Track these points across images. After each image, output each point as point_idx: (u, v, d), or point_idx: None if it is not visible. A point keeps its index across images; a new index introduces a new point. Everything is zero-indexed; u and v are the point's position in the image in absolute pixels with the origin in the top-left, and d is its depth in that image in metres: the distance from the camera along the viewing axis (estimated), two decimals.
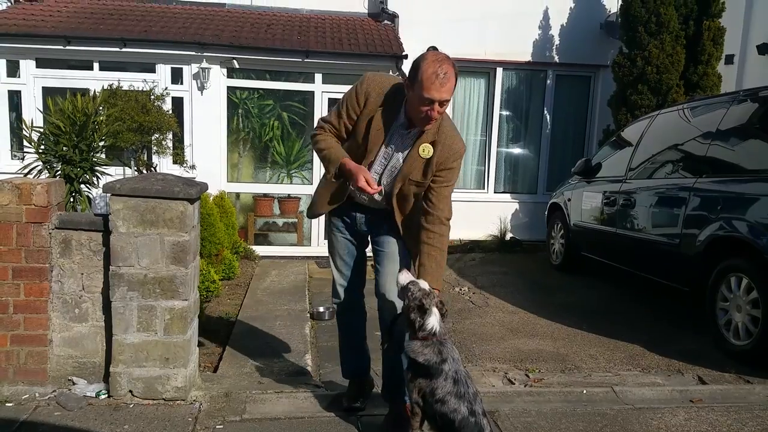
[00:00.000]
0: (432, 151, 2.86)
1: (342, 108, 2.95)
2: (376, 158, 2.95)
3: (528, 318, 5.56)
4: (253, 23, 9.16)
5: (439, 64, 2.65)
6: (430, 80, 2.63)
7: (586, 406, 3.49)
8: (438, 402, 2.55)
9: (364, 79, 2.93)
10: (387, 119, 2.87)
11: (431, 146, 2.86)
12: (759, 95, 4.80)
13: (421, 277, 2.84)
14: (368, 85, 2.89)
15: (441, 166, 2.90)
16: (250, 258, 8.05)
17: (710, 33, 8.17)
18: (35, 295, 3.35)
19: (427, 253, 2.92)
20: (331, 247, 3.29)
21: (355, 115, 2.92)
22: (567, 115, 10.09)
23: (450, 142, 2.90)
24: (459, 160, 2.97)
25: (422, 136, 2.87)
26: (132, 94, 7.09)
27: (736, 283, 4.49)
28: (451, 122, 3.02)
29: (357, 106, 2.90)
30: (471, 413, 2.51)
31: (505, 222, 9.61)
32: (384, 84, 2.90)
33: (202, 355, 4.19)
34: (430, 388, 2.59)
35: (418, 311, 2.64)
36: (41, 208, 3.29)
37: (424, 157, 2.87)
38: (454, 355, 2.66)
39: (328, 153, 2.93)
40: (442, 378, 2.59)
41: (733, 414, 3.42)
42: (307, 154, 9.01)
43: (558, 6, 9.66)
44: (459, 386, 2.56)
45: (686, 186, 5.09)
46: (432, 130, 2.85)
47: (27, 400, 3.31)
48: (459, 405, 2.51)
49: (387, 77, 2.98)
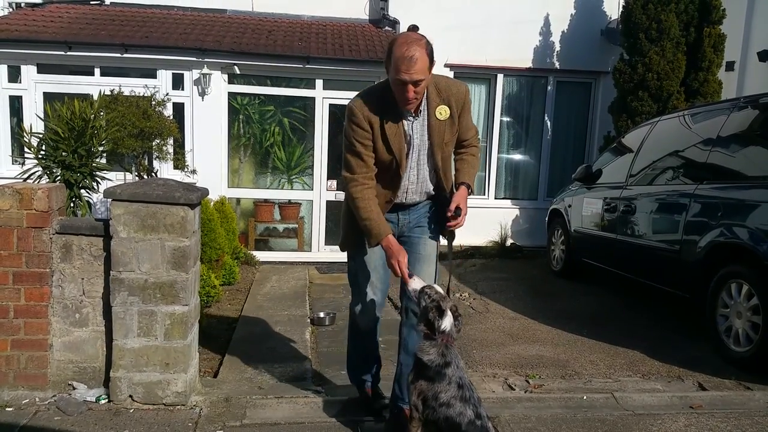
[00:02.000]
0: (447, 109, 2.94)
1: (356, 147, 2.90)
2: (409, 159, 2.99)
3: (528, 324, 5.55)
4: (254, 29, 9.19)
5: (407, 46, 2.69)
6: (399, 62, 2.69)
7: (587, 412, 3.49)
8: (443, 406, 2.54)
9: (352, 111, 2.90)
10: (394, 120, 2.90)
11: (444, 105, 2.94)
12: (759, 102, 4.80)
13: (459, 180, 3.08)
14: (359, 111, 2.88)
15: (459, 110, 3.00)
16: (251, 263, 8.05)
17: (711, 40, 8.19)
18: (36, 299, 3.35)
19: (462, 159, 3.16)
20: (361, 265, 3.16)
21: (370, 141, 2.90)
22: (567, 122, 10.11)
23: (454, 90, 2.99)
24: (469, 94, 3.08)
25: (429, 106, 2.93)
26: (133, 99, 7.10)
27: (736, 290, 4.48)
28: (442, 76, 3.09)
29: (366, 133, 2.89)
30: (477, 416, 2.51)
31: (506, 228, 9.62)
32: (367, 101, 2.91)
33: (202, 360, 4.19)
34: (432, 392, 2.59)
35: (436, 311, 2.66)
36: (42, 213, 3.29)
37: (444, 118, 2.95)
38: (458, 362, 2.66)
39: (370, 224, 2.88)
40: (445, 382, 2.58)
41: (733, 420, 3.41)
42: (307, 159, 9.03)
43: (559, 12, 9.69)
44: (464, 390, 2.56)
45: (687, 192, 5.09)
46: (432, 95, 2.93)
47: (27, 405, 3.31)
48: (465, 408, 2.51)
49: (363, 95, 2.96)
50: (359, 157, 2.91)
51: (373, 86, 3.08)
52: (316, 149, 8.84)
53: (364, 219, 2.89)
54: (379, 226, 2.88)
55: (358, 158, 2.92)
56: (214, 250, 6.48)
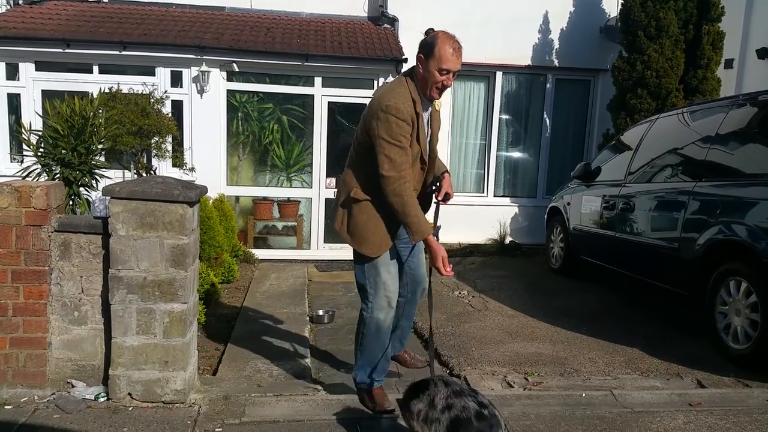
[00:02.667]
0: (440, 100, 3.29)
1: (402, 143, 3.03)
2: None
3: (527, 321, 5.56)
4: (253, 26, 9.17)
5: (453, 40, 3.08)
6: (449, 53, 3.02)
7: (585, 410, 3.49)
8: (445, 410, 2.47)
9: (398, 108, 3.00)
10: (423, 111, 3.17)
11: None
12: (758, 99, 4.80)
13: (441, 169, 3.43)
14: (404, 107, 3.03)
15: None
16: (250, 261, 8.05)
17: (710, 37, 8.19)
18: (34, 297, 3.35)
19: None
20: (386, 264, 3.24)
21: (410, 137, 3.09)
22: (566, 119, 10.10)
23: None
24: None
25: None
26: (132, 97, 7.09)
27: (735, 287, 4.49)
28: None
29: (410, 128, 3.07)
30: (481, 405, 2.45)
31: (505, 226, 9.62)
32: (404, 97, 3.07)
33: (201, 358, 4.19)
34: (427, 400, 2.54)
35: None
36: (41, 211, 3.29)
37: (440, 108, 3.39)
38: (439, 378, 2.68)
39: (419, 220, 3.02)
40: (432, 385, 2.55)
41: (731, 417, 3.42)
42: (306, 157, 9.02)
43: (558, 10, 9.68)
44: (452, 386, 2.53)
45: (685, 190, 5.09)
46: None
47: (26, 403, 3.30)
48: (465, 401, 2.45)
49: (396, 92, 3.08)
50: (405, 153, 3.03)
51: (393, 84, 3.16)
52: (315, 147, 8.84)
53: (412, 215, 3.01)
54: (425, 221, 3.07)
55: (404, 154, 3.03)
56: (213, 248, 6.48)
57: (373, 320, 3.27)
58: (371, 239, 3.18)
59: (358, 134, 3.24)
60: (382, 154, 3.00)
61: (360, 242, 3.20)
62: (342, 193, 3.30)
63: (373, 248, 3.19)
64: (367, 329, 3.30)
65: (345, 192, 3.26)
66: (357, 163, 3.24)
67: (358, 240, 3.20)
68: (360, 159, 3.21)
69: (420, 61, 3.08)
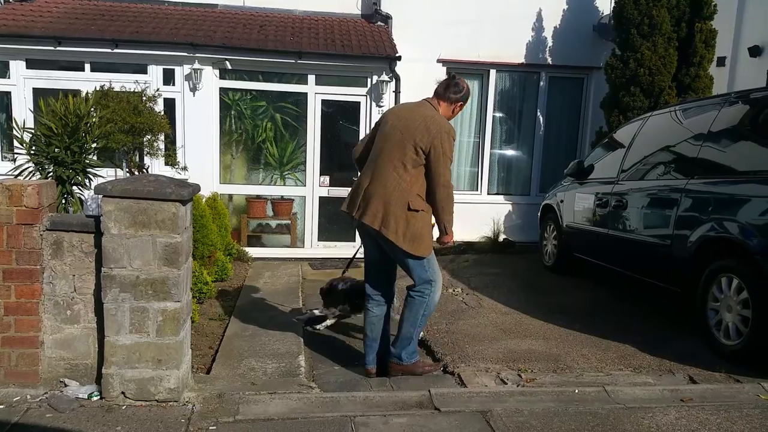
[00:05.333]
0: None
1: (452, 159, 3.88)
2: None
3: (521, 318, 5.57)
4: (246, 24, 9.15)
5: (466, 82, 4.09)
6: (468, 92, 4.08)
7: (578, 406, 3.51)
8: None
9: (454, 130, 3.86)
10: None
11: None
12: (750, 97, 4.83)
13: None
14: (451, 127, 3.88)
15: None
16: (243, 260, 8.03)
17: (702, 35, 8.22)
18: (26, 296, 3.34)
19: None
20: (433, 255, 3.97)
21: None
22: (560, 117, 10.13)
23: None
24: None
25: None
26: (123, 95, 7.04)
27: (726, 284, 4.51)
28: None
29: None
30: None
31: (498, 223, 9.64)
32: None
33: (195, 357, 4.18)
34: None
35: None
36: (32, 210, 3.27)
37: None
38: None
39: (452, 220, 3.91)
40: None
41: (722, 413, 3.44)
42: (300, 155, 9.01)
43: (551, 8, 9.69)
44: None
45: (678, 187, 5.11)
46: None
47: (18, 402, 3.29)
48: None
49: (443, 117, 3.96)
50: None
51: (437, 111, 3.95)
52: (309, 145, 8.82)
53: (452, 215, 3.88)
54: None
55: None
56: (206, 247, 6.46)
57: (434, 301, 4.00)
58: (427, 242, 3.85)
59: (409, 153, 3.74)
60: (445, 167, 3.78)
61: (418, 246, 3.80)
62: (392, 206, 3.74)
63: (429, 248, 3.88)
64: (428, 309, 3.99)
65: (399, 205, 3.74)
66: (408, 179, 3.76)
67: (417, 245, 3.78)
68: (409, 175, 3.76)
69: (452, 98, 3.98)
